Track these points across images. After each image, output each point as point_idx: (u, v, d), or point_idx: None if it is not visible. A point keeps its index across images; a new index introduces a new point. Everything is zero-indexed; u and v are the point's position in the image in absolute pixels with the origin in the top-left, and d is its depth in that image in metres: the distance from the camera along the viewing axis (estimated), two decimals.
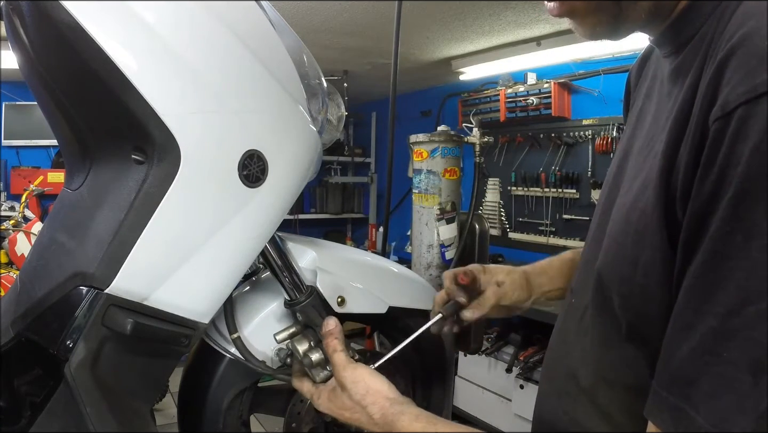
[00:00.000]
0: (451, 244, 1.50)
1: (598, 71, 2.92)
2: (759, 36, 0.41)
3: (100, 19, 0.58)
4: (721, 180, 0.41)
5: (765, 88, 0.39)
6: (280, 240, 0.82)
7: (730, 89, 0.41)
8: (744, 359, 0.39)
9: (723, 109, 0.41)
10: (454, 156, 1.42)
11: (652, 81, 0.65)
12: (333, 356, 0.70)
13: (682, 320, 0.43)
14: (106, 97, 0.61)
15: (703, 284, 0.42)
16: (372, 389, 0.65)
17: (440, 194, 1.30)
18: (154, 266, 0.63)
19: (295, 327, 0.78)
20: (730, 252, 0.40)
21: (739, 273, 0.39)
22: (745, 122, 0.39)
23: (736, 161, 0.40)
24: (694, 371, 0.41)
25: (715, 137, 0.42)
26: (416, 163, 1.44)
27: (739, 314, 0.39)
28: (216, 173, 0.66)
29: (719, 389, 0.40)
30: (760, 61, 0.40)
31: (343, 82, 3.77)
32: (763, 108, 0.38)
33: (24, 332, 0.66)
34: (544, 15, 2.48)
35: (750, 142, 0.39)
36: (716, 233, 0.41)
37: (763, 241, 0.38)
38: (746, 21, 0.44)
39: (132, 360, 0.66)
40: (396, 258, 3.78)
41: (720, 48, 0.45)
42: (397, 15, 1.31)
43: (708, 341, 0.41)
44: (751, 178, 0.39)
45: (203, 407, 0.81)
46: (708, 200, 0.42)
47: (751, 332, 0.38)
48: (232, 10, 0.67)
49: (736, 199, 0.40)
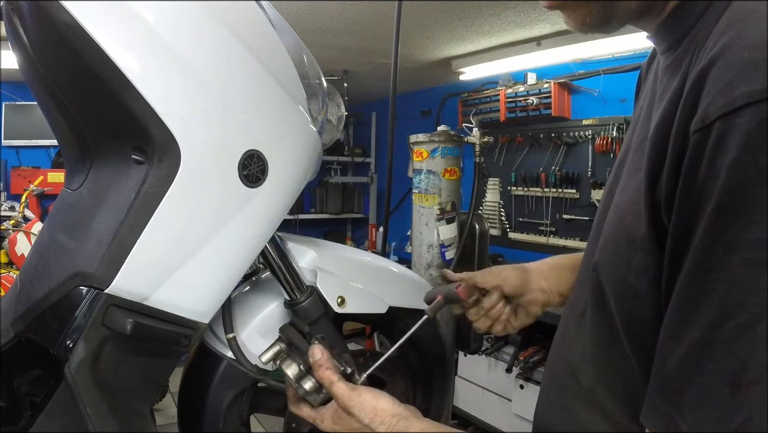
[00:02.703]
0: (451, 244, 1.50)
1: (598, 71, 2.92)
2: (739, 46, 0.41)
3: (100, 19, 0.58)
4: (702, 193, 0.41)
5: (743, 101, 0.38)
6: (280, 240, 0.82)
7: (709, 101, 0.41)
8: (724, 371, 0.39)
9: (703, 121, 0.41)
10: (454, 156, 1.42)
11: (653, 79, 0.65)
12: (332, 389, 0.69)
13: (671, 329, 0.44)
14: (106, 97, 0.61)
15: (689, 295, 0.42)
16: (379, 410, 0.66)
17: (440, 194, 1.30)
18: (154, 266, 0.63)
19: (278, 345, 0.76)
20: (712, 265, 0.40)
21: (720, 286, 0.39)
22: (724, 135, 0.39)
23: (716, 174, 0.40)
24: (682, 380, 0.42)
25: (694, 149, 0.42)
26: (416, 163, 1.43)
27: (721, 326, 0.39)
28: (216, 173, 0.66)
29: (703, 400, 0.40)
30: (740, 72, 0.40)
31: (343, 82, 3.77)
32: (742, 121, 0.38)
33: (24, 332, 0.66)
34: (544, 15, 2.48)
35: (729, 156, 0.39)
36: (698, 245, 0.41)
37: (744, 254, 0.38)
38: (729, 29, 0.43)
39: (132, 360, 0.66)
40: (396, 258, 3.78)
41: (703, 55, 0.45)
42: (397, 15, 1.31)
43: (694, 351, 0.41)
44: (730, 191, 0.39)
45: (203, 407, 0.81)
46: (691, 212, 0.42)
47: (731, 345, 0.39)
48: (232, 10, 0.67)
49: (716, 212, 0.40)
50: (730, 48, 0.42)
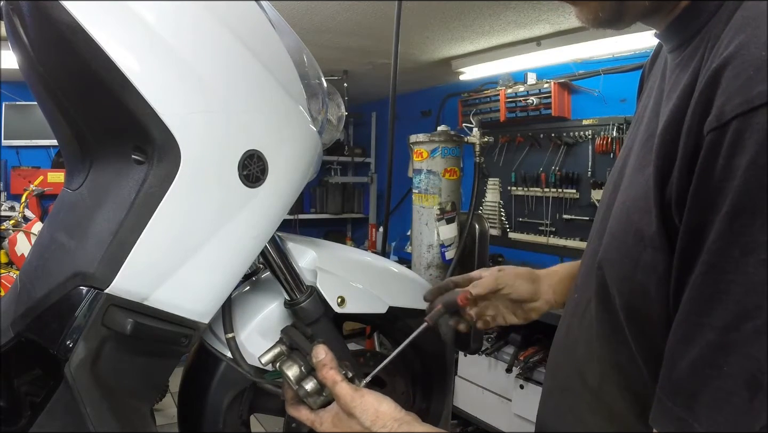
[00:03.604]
0: (451, 244, 1.51)
1: (598, 71, 2.92)
2: (756, 45, 0.41)
3: (100, 19, 0.58)
4: (718, 193, 0.40)
5: (762, 100, 0.38)
6: (280, 240, 0.82)
7: (725, 99, 0.41)
8: (742, 374, 0.39)
9: (718, 119, 0.41)
10: (454, 156, 1.42)
11: (661, 77, 0.65)
12: (335, 389, 0.68)
13: (683, 331, 0.43)
14: (106, 97, 0.61)
15: (702, 296, 0.42)
16: (381, 413, 0.66)
17: (440, 194, 1.30)
18: (154, 266, 0.63)
19: (279, 347, 0.75)
20: (727, 267, 0.40)
21: (736, 288, 0.39)
22: (742, 135, 0.39)
23: (733, 175, 0.39)
24: (696, 382, 0.41)
25: (710, 148, 0.41)
26: (416, 163, 1.44)
27: (737, 329, 0.39)
28: (216, 173, 0.66)
29: (719, 403, 0.40)
30: (757, 71, 0.39)
31: (343, 82, 3.77)
32: (760, 120, 0.38)
33: (24, 332, 0.66)
34: (544, 15, 2.48)
35: (747, 156, 0.38)
36: (713, 246, 0.41)
37: (761, 256, 0.38)
38: (744, 28, 0.43)
39: (132, 360, 0.66)
40: (396, 258, 3.78)
41: (717, 54, 0.44)
42: (397, 15, 1.31)
43: (708, 354, 0.41)
44: (748, 192, 0.38)
45: (203, 407, 0.81)
46: (705, 212, 0.42)
47: (749, 348, 0.38)
48: (232, 10, 0.67)
49: (732, 213, 0.39)
50: (746, 47, 0.41)
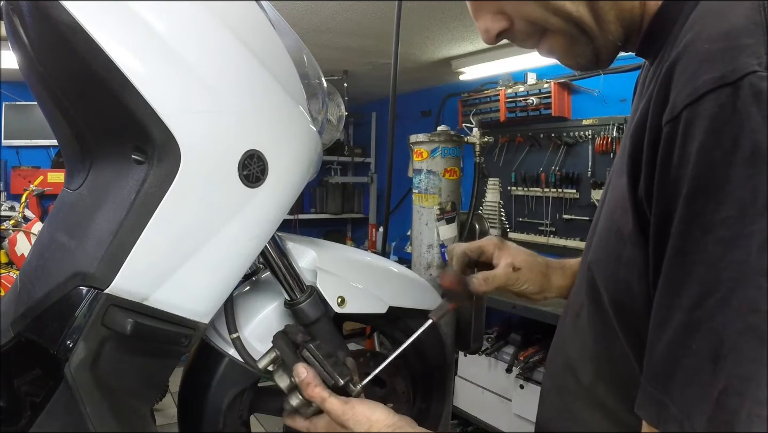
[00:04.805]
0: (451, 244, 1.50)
1: (598, 71, 2.92)
2: (700, 40, 0.44)
3: (100, 19, 0.58)
4: (677, 181, 0.43)
5: (706, 88, 0.41)
6: (280, 240, 0.82)
7: (676, 93, 0.44)
8: (706, 348, 0.40)
9: (671, 112, 0.44)
10: (454, 156, 1.42)
11: (641, 83, 0.68)
12: (325, 406, 0.68)
13: (658, 317, 0.45)
14: (106, 97, 0.61)
15: (671, 280, 0.44)
16: (374, 422, 0.66)
17: (440, 194, 1.30)
18: (154, 266, 0.63)
19: (274, 352, 0.75)
20: (689, 247, 0.42)
21: (698, 267, 0.41)
22: (691, 123, 0.42)
23: (687, 161, 0.42)
24: (670, 364, 0.43)
25: (666, 140, 0.44)
26: (416, 163, 1.43)
27: (701, 306, 0.41)
28: (216, 173, 0.66)
29: (688, 380, 0.41)
30: (701, 63, 0.43)
31: (343, 82, 3.77)
32: (706, 107, 0.41)
33: (24, 332, 0.66)
34: None
35: (696, 142, 0.41)
36: (676, 231, 0.43)
37: (717, 234, 0.40)
38: (693, 26, 0.47)
39: (132, 360, 0.66)
40: (396, 258, 3.78)
41: (672, 53, 0.47)
42: (397, 15, 1.31)
43: (679, 334, 0.42)
44: (700, 176, 0.41)
45: (203, 407, 0.81)
46: (668, 201, 0.44)
47: (711, 322, 0.40)
48: (232, 10, 0.67)
49: (689, 196, 0.42)
50: (692, 42, 0.45)
